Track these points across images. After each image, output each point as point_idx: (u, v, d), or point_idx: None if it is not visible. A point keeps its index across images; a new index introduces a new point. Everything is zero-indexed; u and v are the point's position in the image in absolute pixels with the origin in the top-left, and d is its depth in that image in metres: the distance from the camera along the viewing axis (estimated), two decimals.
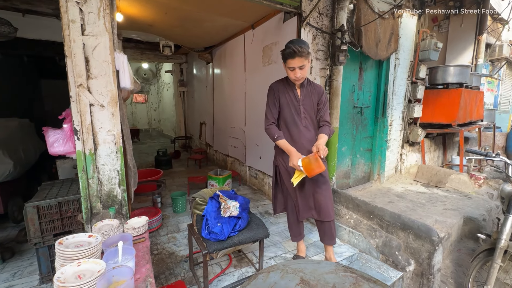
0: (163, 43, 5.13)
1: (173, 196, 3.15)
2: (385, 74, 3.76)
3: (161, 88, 11.08)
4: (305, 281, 1.26)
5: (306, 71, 1.89)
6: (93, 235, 1.35)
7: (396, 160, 4.26)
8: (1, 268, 2.08)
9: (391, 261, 2.20)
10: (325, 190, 2.05)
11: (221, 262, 2.21)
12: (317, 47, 2.92)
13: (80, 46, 1.67)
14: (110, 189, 1.87)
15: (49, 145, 1.67)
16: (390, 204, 3.21)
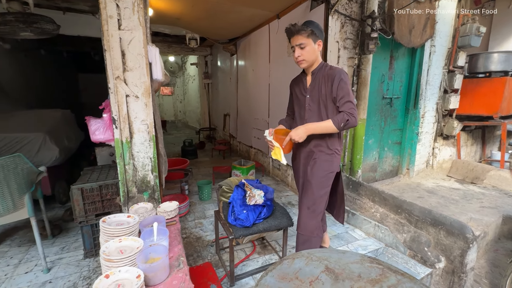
0: (189, 35, 5.25)
1: (200, 184, 3.28)
2: (418, 62, 3.54)
3: (186, 81, 11.37)
4: (330, 269, 1.28)
5: (310, 52, 1.65)
6: (131, 216, 1.47)
7: (428, 154, 4.04)
8: (51, 242, 2.34)
9: (419, 257, 2.13)
10: (304, 197, 1.78)
11: (245, 249, 2.29)
12: (345, 35, 2.82)
13: (117, 40, 1.78)
14: (144, 175, 2.01)
15: (91, 133, 1.82)
16: (420, 200, 3.08)
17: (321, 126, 1.63)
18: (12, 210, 1.82)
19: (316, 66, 1.74)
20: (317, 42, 1.66)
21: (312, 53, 1.67)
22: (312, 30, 1.62)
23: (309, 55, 1.67)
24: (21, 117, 2.97)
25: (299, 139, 1.59)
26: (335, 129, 1.60)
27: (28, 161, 1.83)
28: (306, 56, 1.67)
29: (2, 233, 2.49)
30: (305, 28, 1.61)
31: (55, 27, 2.94)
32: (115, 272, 1.11)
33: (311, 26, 1.63)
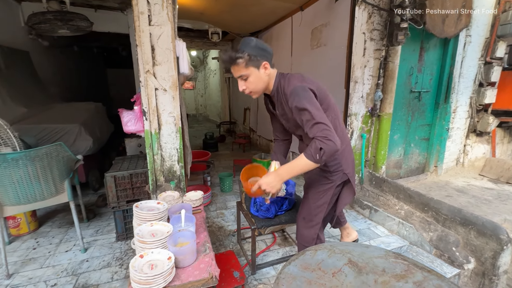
0: (212, 30, 5.31)
1: (221, 176, 3.37)
2: (451, 54, 3.33)
3: (207, 75, 11.54)
4: (353, 262, 1.28)
5: (255, 82, 1.37)
6: (161, 202, 1.56)
7: (458, 152, 3.82)
8: (86, 225, 2.54)
9: (446, 257, 2.06)
10: (301, 208, 1.70)
11: (266, 240, 2.34)
12: (372, 26, 2.72)
13: (147, 36, 1.86)
14: (170, 165, 2.10)
15: (123, 124, 1.94)
16: (448, 198, 2.94)
17: (296, 168, 1.31)
18: (54, 194, 2.00)
19: (272, 87, 1.44)
20: (261, 66, 1.34)
21: (259, 82, 1.37)
22: (249, 54, 1.30)
23: (255, 85, 1.38)
24: (59, 110, 3.21)
25: (271, 189, 1.31)
26: (315, 164, 1.27)
27: (68, 150, 1.99)
28: (253, 87, 1.39)
29: (44, 215, 2.73)
30: (240, 56, 1.30)
31: (89, 24, 3.11)
32: (148, 253, 1.20)
33: (247, 49, 1.30)
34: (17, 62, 3.29)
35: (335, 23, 3.01)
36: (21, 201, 1.86)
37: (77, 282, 1.78)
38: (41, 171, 1.86)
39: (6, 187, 1.78)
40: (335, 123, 1.45)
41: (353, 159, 1.62)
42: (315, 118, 1.24)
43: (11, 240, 2.28)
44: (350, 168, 1.56)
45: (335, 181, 1.53)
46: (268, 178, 1.32)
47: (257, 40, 1.36)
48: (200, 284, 1.17)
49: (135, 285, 1.08)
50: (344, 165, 1.53)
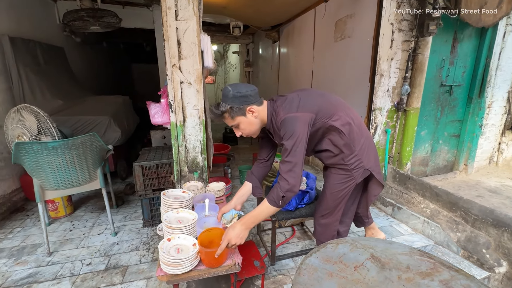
0: (233, 24, 5.33)
1: (241, 169, 3.42)
2: (488, 44, 3.11)
3: (227, 69, 11.63)
4: (376, 258, 1.27)
5: (248, 128, 1.41)
6: (186, 191, 1.63)
7: (492, 150, 3.59)
8: (116, 211, 2.71)
9: (475, 259, 1.97)
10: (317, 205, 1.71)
11: (285, 232, 2.36)
12: (401, 16, 2.60)
13: (174, 30, 1.91)
14: (194, 156, 2.18)
15: (151, 116, 2.03)
16: (479, 199, 2.79)
17: (261, 214, 1.35)
18: (88, 181, 2.15)
19: (267, 121, 1.44)
20: (247, 110, 1.35)
21: (250, 126, 1.40)
22: (231, 107, 1.32)
23: (249, 130, 1.42)
24: (90, 102, 3.41)
25: (240, 240, 1.28)
26: (276, 209, 1.33)
27: (100, 140, 2.12)
28: (247, 132, 1.43)
29: (78, 200, 2.95)
30: (223, 110, 1.34)
31: (118, 21, 3.25)
32: (175, 238, 1.27)
33: (228, 102, 1.32)
34: (54, 57, 3.52)
35: (361, 14, 2.91)
36: (59, 186, 2.02)
37: (109, 263, 1.92)
38: (77, 159, 2.01)
39: (47, 173, 1.94)
40: (347, 121, 1.43)
41: (376, 153, 1.58)
42: (289, 154, 1.27)
43: (51, 222, 2.49)
44: (372, 163, 1.53)
45: (356, 178, 1.51)
46: (235, 230, 1.27)
47: (233, 89, 1.34)
48: (224, 270, 1.22)
49: (164, 267, 1.15)
50: (365, 161, 1.50)
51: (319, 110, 1.37)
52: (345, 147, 1.45)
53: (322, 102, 1.40)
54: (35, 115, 1.95)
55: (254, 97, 1.37)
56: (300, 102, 1.36)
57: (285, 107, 1.36)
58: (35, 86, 2.93)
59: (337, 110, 1.42)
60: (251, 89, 1.37)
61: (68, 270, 1.85)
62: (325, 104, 1.40)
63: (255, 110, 1.37)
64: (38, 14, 3.49)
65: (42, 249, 2.06)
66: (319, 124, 1.38)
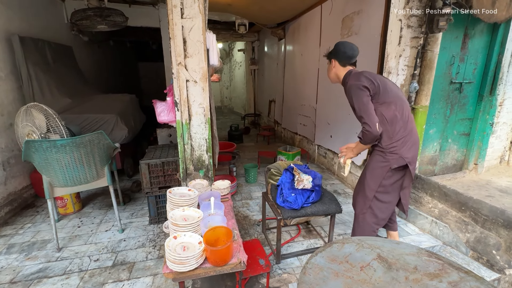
0: (239, 21, 5.31)
1: (246, 167, 3.42)
2: (501, 40, 3.02)
3: (233, 67, 11.62)
4: (383, 258, 1.26)
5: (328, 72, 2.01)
6: (192, 189, 1.64)
7: (503, 149, 3.50)
8: (123, 209, 2.74)
9: (484, 260, 1.93)
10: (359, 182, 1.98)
11: (290, 231, 2.36)
12: (410, 12, 2.54)
13: (180, 28, 1.91)
14: (200, 154, 2.18)
15: (157, 114, 2.04)
16: (489, 199, 2.72)
17: (358, 145, 1.79)
18: (96, 178, 2.18)
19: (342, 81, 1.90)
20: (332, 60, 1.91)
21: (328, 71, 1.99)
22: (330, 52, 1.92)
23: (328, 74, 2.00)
24: (98, 100, 3.45)
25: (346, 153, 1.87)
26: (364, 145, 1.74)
27: (108, 138, 2.15)
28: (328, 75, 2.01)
29: (86, 197, 3.00)
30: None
31: (124, 19, 3.27)
32: (181, 235, 1.28)
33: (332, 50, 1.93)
34: (62, 56, 3.58)
35: (369, 10, 2.86)
36: (68, 183, 2.06)
37: (116, 259, 1.95)
38: (84, 156, 2.04)
39: (56, 170, 1.98)
40: (395, 114, 1.67)
41: (416, 150, 1.78)
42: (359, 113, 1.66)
43: (60, 218, 2.54)
44: (410, 156, 1.72)
45: (390, 162, 1.71)
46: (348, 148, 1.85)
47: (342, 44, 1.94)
48: (229, 268, 1.23)
49: (170, 264, 1.16)
50: (404, 151, 1.70)
51: (376, 92, 1.67)
52: (385, 134, 1.69)
53: (382, 86, 1.68)
54: (44, 113, 1.98)
55: (341, 58, 1.87)
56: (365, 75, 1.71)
57: (353, 76, 1.75)
58: (44, 85, 2.98)
59: (390, 99, 1.68)
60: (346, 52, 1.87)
61: (76, 265, 1.88)
62: (383, 90, 1.67)
63: (335, 65, 1.90)
64: (47, 14, 3.54)
65: (51, 245, 2.11)
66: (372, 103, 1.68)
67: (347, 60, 1.85)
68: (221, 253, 1.19)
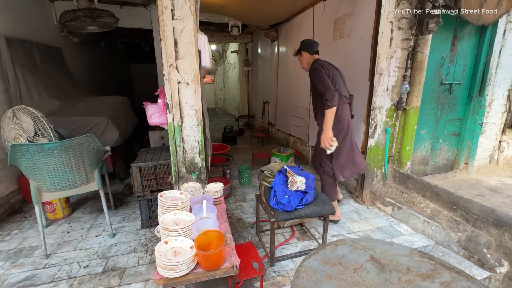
0: (232, 23, 5.30)
1: (240, 169, 3.40)
2: (488, 42, 3.09)
3: (226, 69, 11.60)
4: (376, 259, 1.26)
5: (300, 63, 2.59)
6: (184, 193, 1.61)
7: (493, 148, 3.57)
8: (114, 213, 2.69)
9: (476, 259, 1.95)
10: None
11: (284, 233, 2.34)
12: (401, 14, 2.57)
13: (171, 30, 1.89)
14: (192, 157, 2.16)
15: (148, 116, 2.01)
16: (479, 198, 2.77)
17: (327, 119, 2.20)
18: (86, 182, 2.13)
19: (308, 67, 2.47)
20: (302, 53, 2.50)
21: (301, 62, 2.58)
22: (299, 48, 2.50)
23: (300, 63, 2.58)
24: (88, 103, 3.39)
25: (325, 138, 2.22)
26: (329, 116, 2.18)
27: (98, 141, 2.10)
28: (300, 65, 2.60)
29: (76, 202, 2.93)
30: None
31: (115, 20, 3.22)
32: (172, 240, 1.25)
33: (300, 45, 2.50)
34: (51, 58, 3.50)
35: (360, 12, 2.88)
36: (57, 187, 2.00)
37: (107, 265, 1.91)
38: (74, 160, 1.99)
39: (44, 174, 1.92)
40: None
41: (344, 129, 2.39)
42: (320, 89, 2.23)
43: (48, 224, 2.47)
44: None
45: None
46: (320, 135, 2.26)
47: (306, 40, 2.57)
48: (221, 273, 1.21)
49: (160, 270, 1.13)
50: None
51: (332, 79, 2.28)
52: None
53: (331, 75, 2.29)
54: (31, 116, 1.93)
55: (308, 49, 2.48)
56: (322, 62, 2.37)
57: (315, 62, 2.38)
58: (32, 87, 2.91)
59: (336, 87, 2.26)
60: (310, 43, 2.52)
61: (65, 272, 1.83)
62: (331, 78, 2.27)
63: (305, 55, 2.49)
64: (35, 15, 3.47)
65: (39, 252, 2.05)
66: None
67: (312, 49, 2.46)
68: (213, 257, 1.17)
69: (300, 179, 1.94)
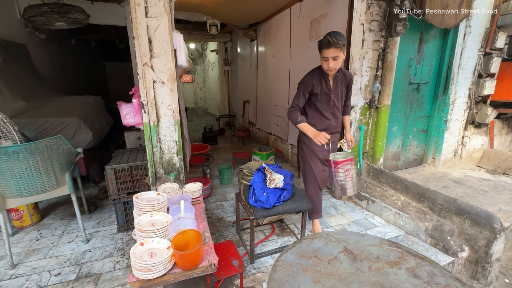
0: (210, 22, 5.25)
1: (221, 168, 3.40)
2: (451, 45, 3.32)
3: (206, 68, 11.46)
4: (348, 250, 1.32)
5: (340, 63, 1.91)
6: (160, 194, 1.59)
7: (456, 143, 3.85)
8: (88, 217, 2.58)
9: (441, 246, 2.10)
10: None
11: (264, 230, 2.38)
12: (371, 17, 2.70)
13: (144, 28, 1.85)
14: (170, 157, 2.12)
15: (122, 117, 1.95)
16: (445, 189, 2.98)
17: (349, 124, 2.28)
18: (55, 186, 2.03)
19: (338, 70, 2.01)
20: (344, 52, 1.89)
21: (341, 62, 1.93)
22: (344, 43, 1.83)
23: (339, 65, 1.92)
24: (58, 103, 3.21)
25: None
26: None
27: (68, 143, 2.00)
28: (337, 66, 1.91)
29: (46, 207, 2.77)
30: (342, 42, 1.81)
31: (85, 17, 3.08)
32: (148, 242, 1.23)
33: (343, 40, 1.82)
34: (15, 55, 3.28)
35: (334, 14, 2.98)
36: (23, 193, 1.89)
37: (80, 271, 1.83)
38: (41, 163, 1.89)
39: (8, 179, 1.81)
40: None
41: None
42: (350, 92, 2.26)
43: (15, 232, 2.32)
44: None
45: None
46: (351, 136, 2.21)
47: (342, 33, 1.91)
48: (199, 271, 1.21)
49: (136, 272, 1.11)
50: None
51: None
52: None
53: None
54: None
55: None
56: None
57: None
58: None
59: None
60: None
61: (34, 282, 1.73)
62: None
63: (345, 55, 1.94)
64: None
65: (4, 262, 1.92)
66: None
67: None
68: (190, 257, 1.17)
69: (278, 177, 1.98)
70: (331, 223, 2.49)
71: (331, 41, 1.80)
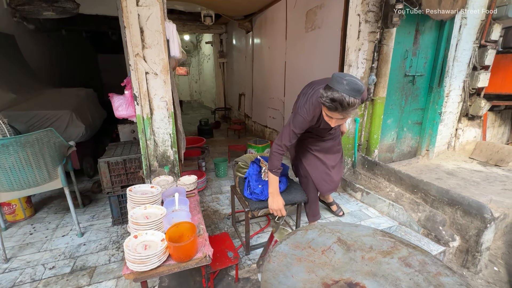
0: (204, 12, 5.16)
1: (216, 161, 3.39)
2: (446, 36, 3.31)
3: (201, 60, 11.30)
4: (342, 241, 1.33)
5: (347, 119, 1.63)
6: (155, 186, 1.58)
7: (450, 135, 3.88)
8: (82, 211, 2.56)
9: (433, 236, 2.14)
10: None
11: (260, 222, 2.39)
12: (368, 7, 2.66)
13: (136, 17, 1.80)
14: (164, 150, 2.11)
15: (114, 109, 1.91)
16: (438, 181, 3.02)
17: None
18: (48, 180, 2.00)
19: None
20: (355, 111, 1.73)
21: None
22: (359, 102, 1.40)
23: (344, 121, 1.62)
24: (49, 96, 3.14)
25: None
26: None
27: (59, 135, 1.97)
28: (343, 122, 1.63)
29: (39, 201, 2.74)
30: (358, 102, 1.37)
31: (75, 6, 2.99)
32: (142, 234, 1.23)
33: (358, 98, 1.37)
34: (2, 46, 3.18)
35: (330, 4, 2.94)
36: (14, 187, 1.86)
37: (75, 265, 1.83)
38: (32, 157, 1.85)
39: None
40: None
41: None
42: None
43: (8, 226, 2.30)
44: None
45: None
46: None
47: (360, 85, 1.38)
48: (194, 263, 1.21)
49: (130, 264, 1.11)
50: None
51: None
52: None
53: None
54: None
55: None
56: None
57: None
58: None
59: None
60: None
61: (28, 275, 1.73)
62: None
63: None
64: None
65: None
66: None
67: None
68: (184, 248, 1.17)
69: None
70: (326, 215, 2.52)
71: (338, 108, 1.37)
